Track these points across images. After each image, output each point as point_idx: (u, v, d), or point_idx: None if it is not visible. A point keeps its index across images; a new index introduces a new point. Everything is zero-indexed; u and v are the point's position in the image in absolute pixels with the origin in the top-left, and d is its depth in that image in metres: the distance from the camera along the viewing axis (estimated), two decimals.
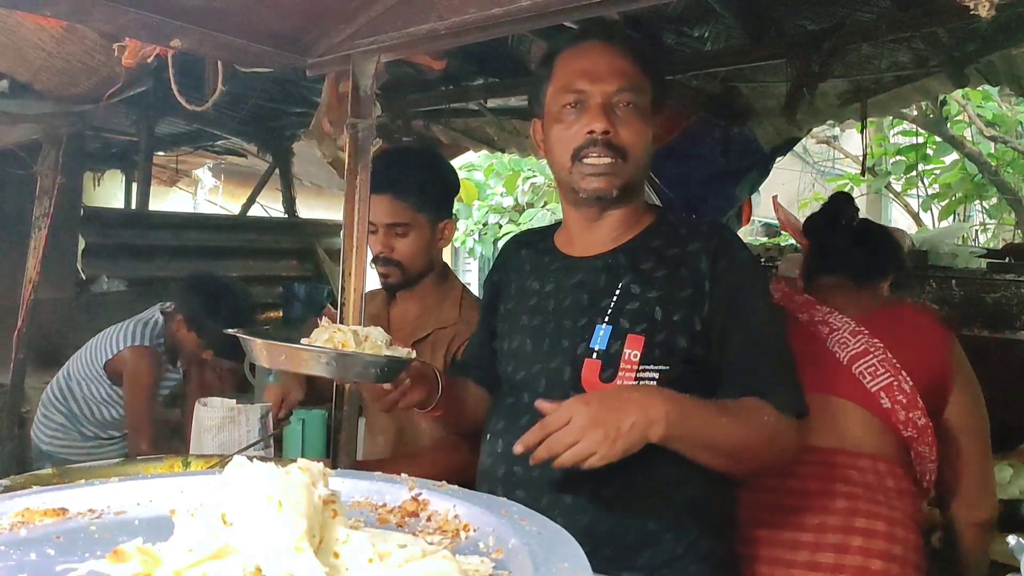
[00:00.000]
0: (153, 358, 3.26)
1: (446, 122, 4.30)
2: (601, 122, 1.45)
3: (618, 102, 1.48)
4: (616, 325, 1.45)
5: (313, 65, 2.02)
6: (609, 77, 1.47)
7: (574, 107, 1.49)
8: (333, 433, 1.87)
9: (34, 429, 3.42)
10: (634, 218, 1.57)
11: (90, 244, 4.57)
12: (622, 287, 1.49)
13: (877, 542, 1.67)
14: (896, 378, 1.81)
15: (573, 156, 1.49)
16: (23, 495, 0.95)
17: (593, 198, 1.51)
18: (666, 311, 1.45)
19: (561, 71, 1.53)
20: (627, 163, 1.48)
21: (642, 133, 1.50)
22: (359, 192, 1.87)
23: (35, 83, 3.15)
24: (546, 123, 1.57)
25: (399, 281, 2.13)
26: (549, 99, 1.54)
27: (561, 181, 1.57)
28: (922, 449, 1.80)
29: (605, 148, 1.46)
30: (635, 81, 1.49)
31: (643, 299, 1.46)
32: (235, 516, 0.68)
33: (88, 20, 1.79)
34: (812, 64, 3.06)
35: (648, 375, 1.43)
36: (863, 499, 1.72)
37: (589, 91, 1.47)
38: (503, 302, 1.70)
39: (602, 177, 1.48)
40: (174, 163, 7.01)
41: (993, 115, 6.88)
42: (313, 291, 5.32)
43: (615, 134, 1.46)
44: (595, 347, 1.45)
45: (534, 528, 0.82)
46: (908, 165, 7.31)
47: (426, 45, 1.84)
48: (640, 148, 1.50)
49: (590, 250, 1.57)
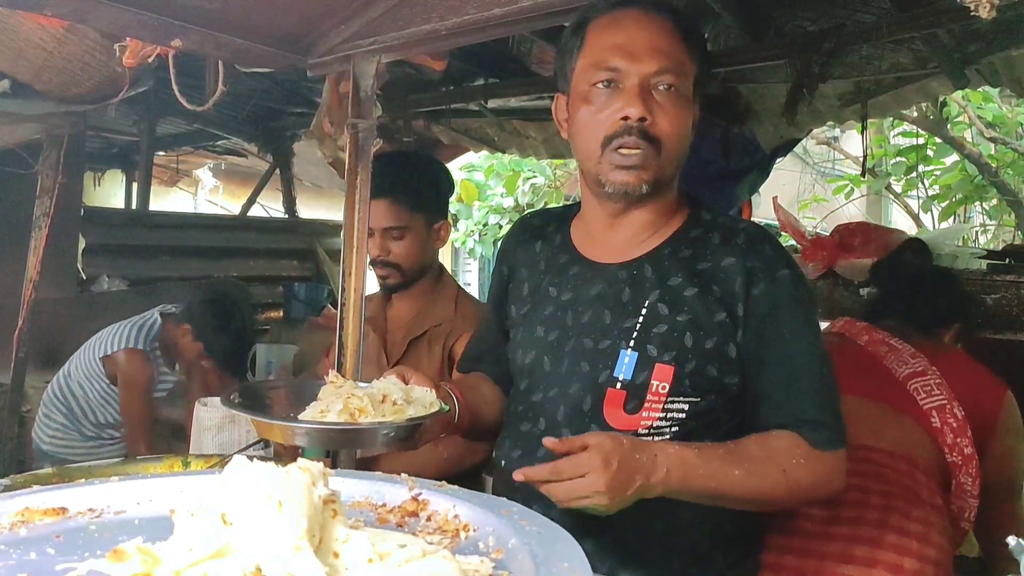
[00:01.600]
0: (145, 362, 3.27)
1: (446, 122, 4.29)
2: (637, 107, 1.28)
3: (657, 84, 1.30)
4: (642, 352, 1.32)
5: (314, 65, 2.02)
6: (649, 55, 1.30)
7: (607, 86, 1.32)
8: None
9: (35, 429, 3.42)
10: (664, 216, 1.42)
11: (91, 244, 4.57)
12: (648, 307, 1.34)
13: (911, 542, 1.65)
14: (950, 402, 1.85)
15: (603, 144, 1.32)
16: (23, 494, 0.95)
17: (620, 193, 1.35)
18: (697, 337, 1.31)
19: (593, 43, 1.35)
20: (661, 156, 1.32)
21: (682, 121, 1.33)
22: (359, 192, 1.87)
23: (36, 83, 3.15)
24: (572, 101, 1.39)
25: (398, 282, 2.17)
26: (578, 74, 1.37)
27: (586, 170, 1.40)
28: (964, 480, 1.83)
29: (640, 137, 1.29)
30: (678, 61, 1.32)
31: (672, 322, 1.32)
32: (235, 516, 0.68)
33: (89, 20, 1.79)
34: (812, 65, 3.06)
35: (676, 407, 1.32)
36: (899, 498, 1.71)
37: (625, 70, 1.30)
38: (515, 299, 1.57)
39: (633, 171, 1.31)
40: (175, 163, 7.01)
41: (993, 116, 6.87)
42: (313, 291, 5.32)
43: (652, 122, 1.29)
44: (619, 376, 1.32)
45: (534, 528, 0.82)
46: (908, 166, 7.30)
47: (427, 45, 1.84)
48: (678, 139, 1.34)
49: (612, 255, 1.42)
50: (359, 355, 1.87)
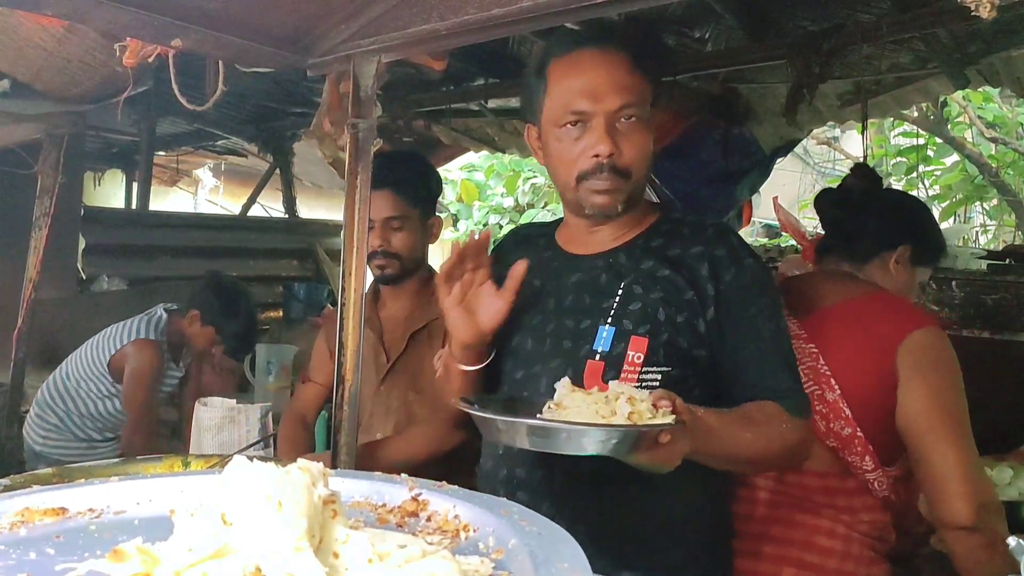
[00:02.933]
0: (156, 351, 3.28)
1: (447, 122, 4.30)
2: (606, 145, 1.42)
3: (620, 116, 1.44)
4: (619, 326, 1.44)
5: (314, 65, 2.02)
6: (611, 95, 1.43)
7: (575, 125, 1.45)
8: (333, 433, 1.87)
9: (26, 429, 3.42)
10: (636, 219, 1.56)
11: (90, 244, 4.58)
12: (624, 287, 1.47)
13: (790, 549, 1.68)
14: (820, 387, 1.74)
15: (578, 179, 1.47)
16: (23, 494, 0.95)
17: (600, 214, 1.51)
18: (669, 312, 1.43)
19: (557, 86, 1.48)
20: (631, 180, 1.47)
21: (645, 146, 1.48)
22: (359, 192, 1.87)
23: (36, 83, 3.15)
24: (544, 134, 1.53)
25: (396, 273, 2.22)
26: (546, 112, 1.50)
27: (566, 198, 1.55)
28: (852, 459, 1.73)
29: (611, 173, 1.44)
30: (636, 92, 1.45)
31: (646, 300, 1.45)
32: (235, 516, 0.68)
33: (89, 20, 1.79)
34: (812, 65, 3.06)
35: (650, 376, 1.42)
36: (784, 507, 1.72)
37: (591, 111, 1.43)
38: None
39: (607, 195, 1.46)
40: (175, 163, 7.02)
41: (994, 116, 6.88)
42: (313, 291, 5.33)
43: (619, 154, 1.43)
44: (598, 349, 1.44)
45: (534, 529, 0.81)
46: (909, 166, 7.32)
47: (427, 45, 1.84)
48: (644, 162, 1.48)
49: (591, 248, 1.56)
50: (359, 355, 1.87)
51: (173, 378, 3.49)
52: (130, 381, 3.25)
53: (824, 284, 1.92)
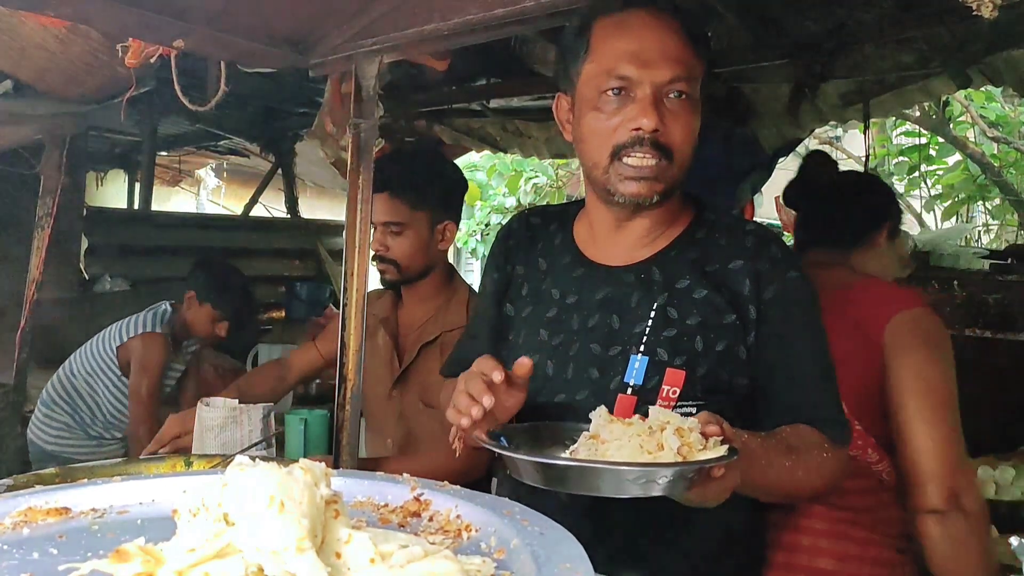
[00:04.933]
0: (163, 343, 3.31)
1: (448, 122, 4.29)
2: (651, 118, 1.25)
3: (668, 91, 1.27)
4: (653, 356, 1.29)
5: (316, 65, 2.02)
6: (662, 63, 1.26)
7: (617, 94, 1.28)
8: (335, 433, 1.86)
9: (32, 429, 3.42)
10: (669, 219, 1.39)
11: (93, 244, 4.58)
12: (657, 310, 1.32)
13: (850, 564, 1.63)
14: None
15: (612, 153, 1.29)
16: (26, 494, 0.95)
17: (631, 203, 1.32)
18: (708, 340, 1.30)
19: (601, 48, 1.30)
20: (673, 164, 1.29)
21: (693, 129, 1.31)
22: (361, 192, 1.87)
23: (38, 83, 3.15)
24: (578, 105, 1.35)
25: (396, 278, 2.17)
26: (584, 79, 1.32)
27: (594, 178, 1.36)
28: (855, 453, 1.65)
29: (652, 148, 1.27)
30: (690, 66, 1.29)
31: (682, 326, 1.31)
32: (237, 516, 0.68)
33: (91, 20, 1.79)
34: (814, 65, 3.06)
35: (685, 411, 1.25)
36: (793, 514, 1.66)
37: (637, 79, 1.26)
38: (514, 298, 1.51)
39: (644, 182, 1.29)
40: (177, 163, 7.03)
41: (996, 116, 6.87)
42: (315, 291, 5.33)
43: (664, 131, 1.26)
44: (629, 381, 1.28)
45: (536, 529, 0.81)
46: (911, 166, 7.30)
47: (428, 45, 1.84)
48: (689, 147, 1.31)
49: (618, 257, 1.40)
50: (361, 356, 1.87)
51: (176, 370, 3.50)
52: (137, 373, 3.26)
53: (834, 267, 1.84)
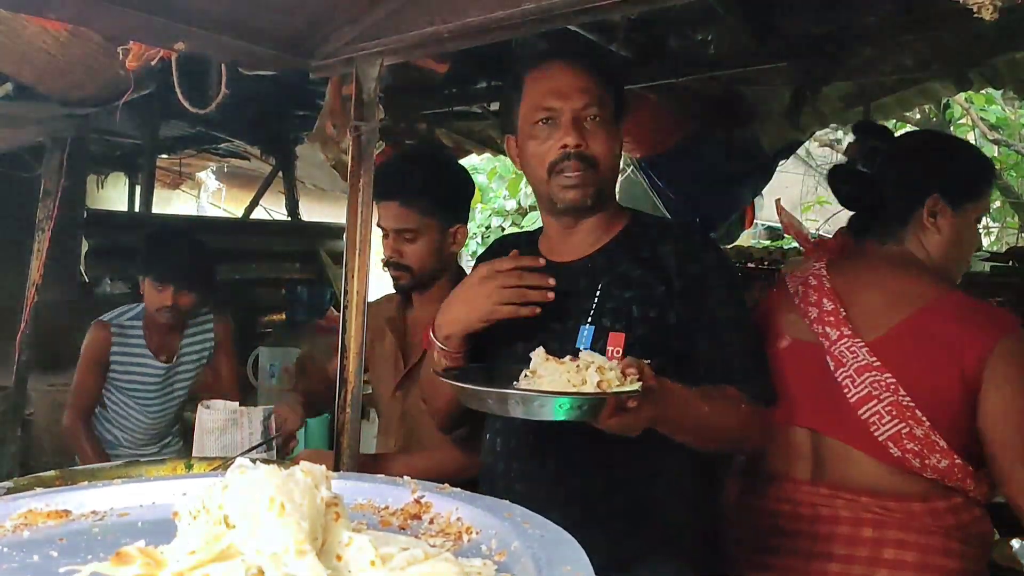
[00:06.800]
0: (104, 333, 3.17)
1: (449, 125, 4.30)
2: (572, 136, 1.56)
3: (586, 116, 1.58)
4: (598, 324, 1.57)
5: (317, 68, 2.02)
6: (576, 94, 1.58)
7: (546, 123, 1.60)
8: (335, 436, 1.87)
9: None
10: (608, 222, 1.68)
11: (93, 247, 4.57)
12: (602, 289, 1.60)
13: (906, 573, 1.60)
14: (906, 423, 1.60)
15: (549, 170, 1.60)
16: (26, 497, 0.95)
17: (570, 208, 1.62)
18: (642, 308, 1.57)
19: (532, 91, 1.63)
20: (598, 172, 1.59)
21: (610, 143, 1.61)
22: (362, 195, 1.87)
23: (39, 86, 3.15)
24: (520, 140, 1.67)
25: (410, 284, 2.19)
26: (522, 117, 1.65)
27: (539, 193, 1.68)
28: (954, 485, 1.62)
29: (578, 161, 1.57)
30: (599, 96, 1.60)
31: (621, 299, 1.58)
32: (238, 518, 0.68)
33: (92, 23, 1.80)
34: (815, 67, 3.06)
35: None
36: (890, 527, 1.64)
37: (559, 108, 1.58)
38: None
39: (576, 188, 1.59)
40: (178, 166, 7.02)
41: (996, 118, 6.88)
42: (316, 294, 5.32)
43: (586, 146, 1.57)
44: (580, 346, 1.54)
45: (537, 531, 0.81)
46: None
47: (429, 48, 1.84)
48: (609, 157, 1.62)
49: (570, 255, 1.68)
50: (362, 358, 1.87)
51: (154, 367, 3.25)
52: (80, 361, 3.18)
53: (883, 289, 1.72)
